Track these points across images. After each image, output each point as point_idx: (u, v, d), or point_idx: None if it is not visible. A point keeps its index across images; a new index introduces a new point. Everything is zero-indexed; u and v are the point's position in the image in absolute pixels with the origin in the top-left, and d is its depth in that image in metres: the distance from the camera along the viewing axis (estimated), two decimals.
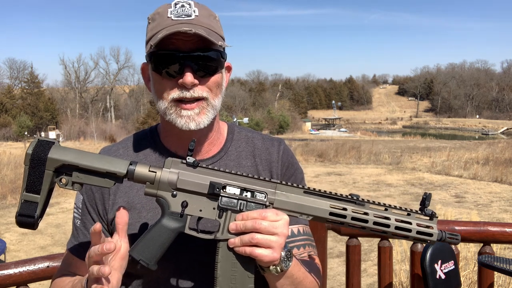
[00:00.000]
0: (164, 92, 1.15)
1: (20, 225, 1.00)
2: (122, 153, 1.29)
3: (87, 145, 41.72)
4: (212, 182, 1.02)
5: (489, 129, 79.99)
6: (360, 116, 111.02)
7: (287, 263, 1.05)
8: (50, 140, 1.00)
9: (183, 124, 1.15)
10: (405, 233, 1.07)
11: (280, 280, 1.09)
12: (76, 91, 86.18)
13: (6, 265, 1.82)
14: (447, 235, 1.08)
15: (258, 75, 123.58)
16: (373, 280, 6.85)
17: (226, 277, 1.01)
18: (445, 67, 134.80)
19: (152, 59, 1.14)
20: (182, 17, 1.13)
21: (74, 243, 1.27)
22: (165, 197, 1.02)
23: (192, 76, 1.12)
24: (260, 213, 1.00)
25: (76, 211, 1.29)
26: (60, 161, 0.98)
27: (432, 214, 1.09)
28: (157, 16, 1.17)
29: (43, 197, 0.99)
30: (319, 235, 2.34)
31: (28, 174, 0.98)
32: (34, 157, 0.98)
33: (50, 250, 9.48)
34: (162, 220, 1.02)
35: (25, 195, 0.98)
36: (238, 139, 1.34)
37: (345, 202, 1.07)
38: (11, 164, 19.37)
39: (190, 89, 1.13)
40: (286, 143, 1.39)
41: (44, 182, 0.98)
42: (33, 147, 0.98)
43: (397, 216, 1.08)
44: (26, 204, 0.98)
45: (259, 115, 70.41)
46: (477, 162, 20.64)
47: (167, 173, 1.02)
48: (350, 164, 22.25)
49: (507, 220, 10.80)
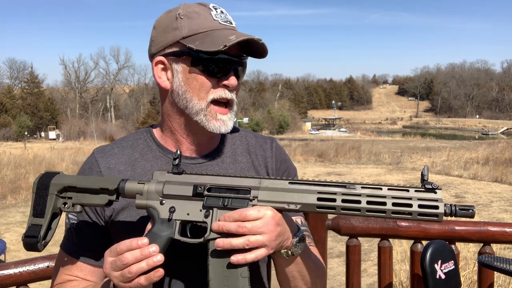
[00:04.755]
0: (203, 90, 1.16)
1: (26, 247, 1.08)
2: (117, 152, 1.27)
3: (87, 145, 41.74)
4: (195, 183, 1.05)
5: (489, 129, 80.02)
6: (360, 116, 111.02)
7: (298, 248, 1.08)
8: (55, 172, 1.13)
9: (216, 127, 1.18)
10: (406, 209, 0.96)
11: (290, 265, 1.10)
12: (76, 91, 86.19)
13: (6, 265, 1.82)
14: (458, 207, 0.95)
15: (258, 75, 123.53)
16: (373, 280, 6.85)
17: (219, 279, 1.00)
18: (445, 67, 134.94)
19: (200, 56, 1.13)
20: (229, 24, 1.19)
21: (70, 244, 1.24)
22: (154, 206, 1.06)
23: (236, 80, 1.17)
24: (240, 213, 0.99)
25: (71, 215, 1.28)
26: (61, 184, 1.09)
27: (433, 187, 0.97)
28: (196, 15, 1.17)
29: (46, 219, 1.08)
30: (319, 235, 2.34)
31: (35, 200, 1.09)
32: (39, 185, 1.10)
33: (50, 250, 9.40)
34: (152, 229, 1.04)
35: (32, 219, 1.09)
36: (233, 137, 1.35)
37: (334, 187, 1.02)
38: (11, 164, 19.36)
39: (232, 91, 1.18)
40: (277, 142, 1.41)
41: (48, 205, 1.09)
42: (39, 178, 1.11)
43: (394, 191, 0.99)
44: (32, 227, 1.08)
45: (259, 115, 70.42)
46: (477, 162, 20.64)
47: (154, 183, 1.07)
48: (350, 164, 22.26)
49: (507, 220, 10.80)
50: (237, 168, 1.29)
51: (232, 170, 1.28)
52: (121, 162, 1.25)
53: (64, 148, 32.05)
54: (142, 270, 0.96)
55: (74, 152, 26.45)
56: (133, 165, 1.25)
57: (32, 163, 19.86)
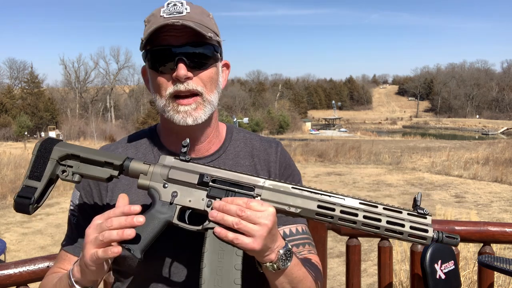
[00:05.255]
0: (161, 88, 1.17)
1: (16, 207, 1.06)
2: (121, 152, 1.30)
3: (87, 145, 41.53)
4: (201, 173, 1.06)
5: (489, 129, 79.99)
6: (360, 116, 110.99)
7: (285, 262, 1.06)
8: (58, 139, 1.11)
9: (180, 119, 1.17)
10: (398, 228, 1.04)
11: (279, 278, 1.09)
12: (76, 91, 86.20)
13: (6, 265, 1.82)
14: (445, 235, 1.04)
15: (258, 75, 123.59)
16: (373, 280, 6.86)
17: (212, 268, 1.01)
18: (445, 67, 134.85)
19: (148, 57, 1.17)
20: (174, 14, 1.15)
21: (69, 240, 1.27)
22: (157, 187, 1.07)
23: (185, 69, 1.13)
24: (245, 201, 1.01)
25: (72, 208, 1.30)
26: (64, 151, 1.07)
27: (425, 213, 1.05)
28: (152, 17, 1.19)
29: (43, 183, 1.05)
30: (319, 235, 2.34)
31: (34, 162, 1.07)
32: (42, 147, 1.07)
33: (50, 250, 9.48)
34: (151, 209, 1.05)
35: (27, 181, 1.06)
36: (237, 139, 1.35)
37: (334, 198, 1.06)
38: (11, 164, 19.37)
39: (183, 82, 1.14)
40: (283, 145, 1.41)
41: (47, 170, 1.06)
42: (42, 141, 1.09)
43: (388, 211, 1.05)
44: (26, 188, 1.05)
45: (259, 115, 70.43)
46: (477, 162, 20.66)
47: (160, 166, 1.08)
48: (350, 164, 22.26)
49: (507, 220, 10.80)
50: (232, 169, 1.29)
51: None
52: None
53: None
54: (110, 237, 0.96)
55: None
56: None
57: None
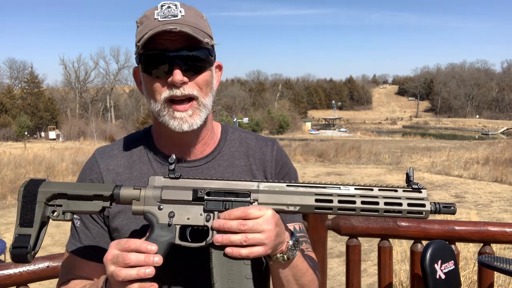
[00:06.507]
0: (156, 92, 1.15)
1: (14, 258, 1.02)
2: (116, 153, 1.28)
3: (87, 145, 41.71)
4: (194, 188, 1.04)
5: (489, 129, 79.98)
6: (360, 116, 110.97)
7: (293, 252, 1.08)
8: (40, 179, 1.07)
9: (176, 125, 1.15)
10: (397, 208, 1.04)
11: (284, 270, 1.10)
12: (76, 91, 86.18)
13: (6, 265, 1.82)
14: (442, 205, 1.05)
15: (258, 75, 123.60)
16: (373, 280, 6.85)
17: (223, 282, 1.00)
18: (445, 67, 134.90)
19: (142, 61, 1.15)
20: (169, 18, 1.14)
21: (75, 244, 1.26)
22: (152, 211, 1.04)
23: (181, 74, 1.12)
24: (243, 210, 1.00)
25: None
26: (50, 192, 1.03)
27: (419, 187, 1.06)
28: (145, 19, 1.17)
29: (35, 228, 1.02)
30: (319, 235, 2.34)
31: (21, 208, 1.03)
32: (26, 192, 1.03)
33: (50, 250, 9.47)
34: (151, 235, 1.02)
35: (19, 229, 1.02)
36: (232, 139, 1.34)
37: (329, 189, 1.06)
38: (11, 164, 19.36)
39: (180, 87, 1.13)
40: (279, 144, 1.39)
41: (36, 214, 1.02)
42: (25, 185, 1.04)
43: (384, 192, 1.06)
44: (20, 237, 1.02)
45: (259, 115, 70.42)
46: (477, 162, 20.63)
47: (151, 189, 1.05)
48: (350, 164, 22.24)
49: (507, 220, 10.79)
50: (233, 171, 1.28)
51: (228, 174, 1.27)
52: (119, 165, 1.26)
53: (64, 148, 32.02)
54: (130, 277, 0.95)
55: (74, 152, 26.41)
56: (130, 168, 1.26)
57: (32, 163, 19.87)
